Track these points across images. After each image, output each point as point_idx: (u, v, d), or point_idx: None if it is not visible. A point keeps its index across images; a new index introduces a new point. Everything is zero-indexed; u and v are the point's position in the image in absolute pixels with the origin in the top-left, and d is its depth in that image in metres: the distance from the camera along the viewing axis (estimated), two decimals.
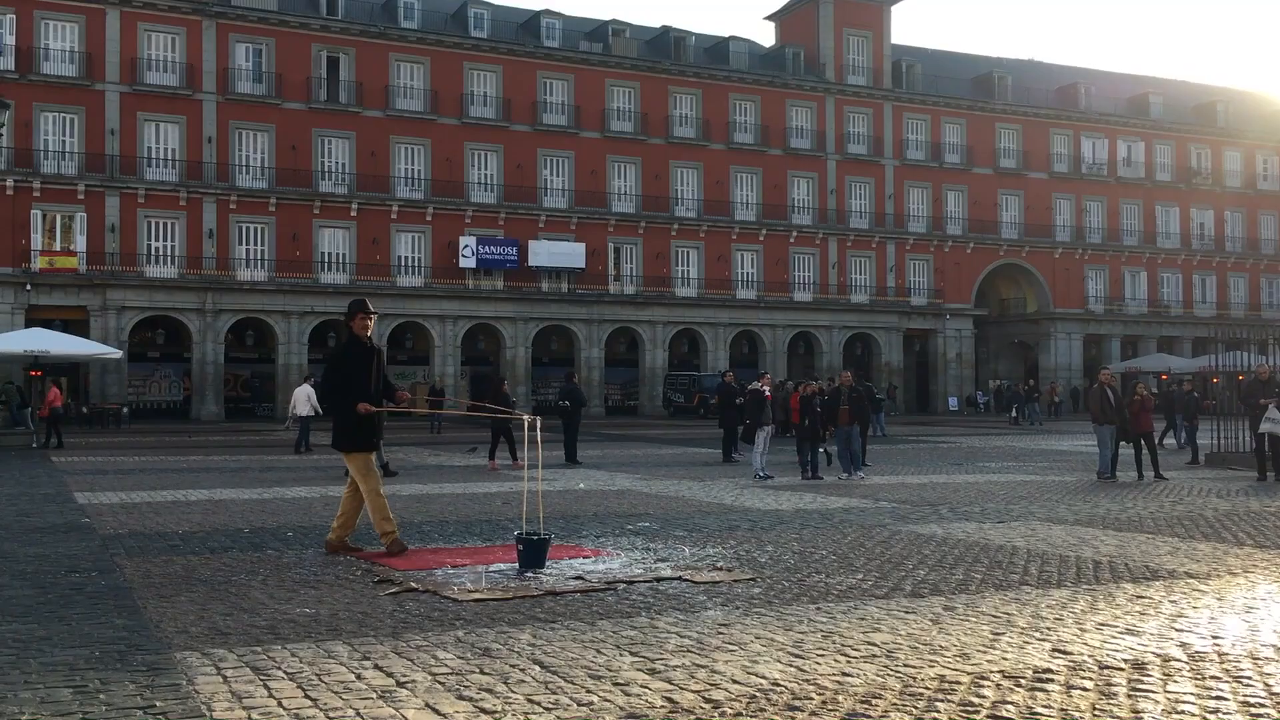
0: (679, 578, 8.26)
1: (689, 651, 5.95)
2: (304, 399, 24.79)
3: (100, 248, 44.85)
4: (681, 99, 55.89)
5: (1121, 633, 6.50)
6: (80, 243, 44.72)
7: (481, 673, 5.48)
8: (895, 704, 4.99)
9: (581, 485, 16.60)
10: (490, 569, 8.65)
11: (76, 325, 42.67)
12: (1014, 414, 46.26)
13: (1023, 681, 5.40)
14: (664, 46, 57.24)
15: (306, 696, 5.06)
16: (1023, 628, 6.61)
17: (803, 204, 58.25)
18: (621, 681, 5.34)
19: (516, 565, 8.65)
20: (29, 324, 40.57)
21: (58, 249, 44.42)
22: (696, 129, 55.84)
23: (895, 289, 60.08)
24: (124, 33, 45.80)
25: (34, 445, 27.21)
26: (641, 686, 5.25)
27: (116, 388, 44.37)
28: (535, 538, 8.74)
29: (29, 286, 43.37)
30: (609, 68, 54.45)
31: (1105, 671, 5.60)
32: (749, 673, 5.52)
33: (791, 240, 57.71)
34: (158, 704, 4.90)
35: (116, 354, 40.27)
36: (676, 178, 55.48)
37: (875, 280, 59.74)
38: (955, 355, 61.48)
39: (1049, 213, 64.11)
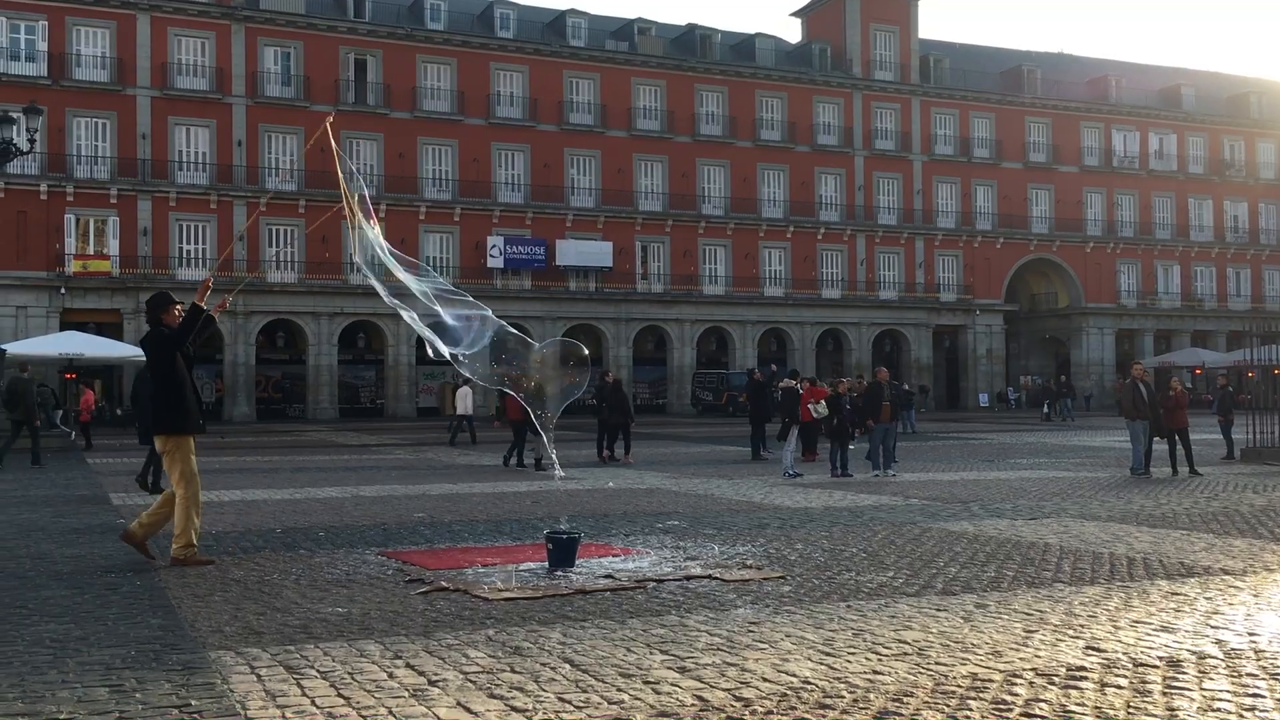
0: (709, 576, 8.25)
1: (719, 650, 5.94)
2: (465, 398, 27.86)
3: (133, 251, 45.30)
4: (708, 96, 55.82)
5: (1156, 630, 6.44)
6: (113, 246, 45.19)
7: (512, 671, 5.50)
8: (927, 702, 4.97)
9: (610, 484, 16.61)
10: (520, 568, 8.68)
11: (110, 328, 43.13)
12: (1046, 410, 45.92)
13: (1056, 679, 5.36)
14: (690, 44, 57.17)
15: (339, 695, 5.09)
16: (1056, 625, 6.56)
17: (830, 201, 58.04)
18: (652, 680, 5.34)
19: (546, 564, 8.67)
20: (63, 327, 41.05)
21: (91, 253, 44.91)
22: (723, 127, 55.75)
23: (924, 285, 59.76)
24: (154, 37, 46.23)
25: (79, 446, 27.41)
26: (672, 685, 5.26)
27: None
28: (565, 536, 8.76)
29: (63, 290, 43.87)
30: (635, 66, 54.45)
31: (1140, 669, 5.55)
32: (779, 671, 5.51)
33: (819, 237, 57.52)
34: (193, 703, 4.95)
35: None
36: (703, 176, 55.42)
37: (904, 276, 59.44)
38: (985, 351, 61.09)
39: (1080, 207, 63.59)
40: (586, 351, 9.59)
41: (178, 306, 9.33)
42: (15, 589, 7.85)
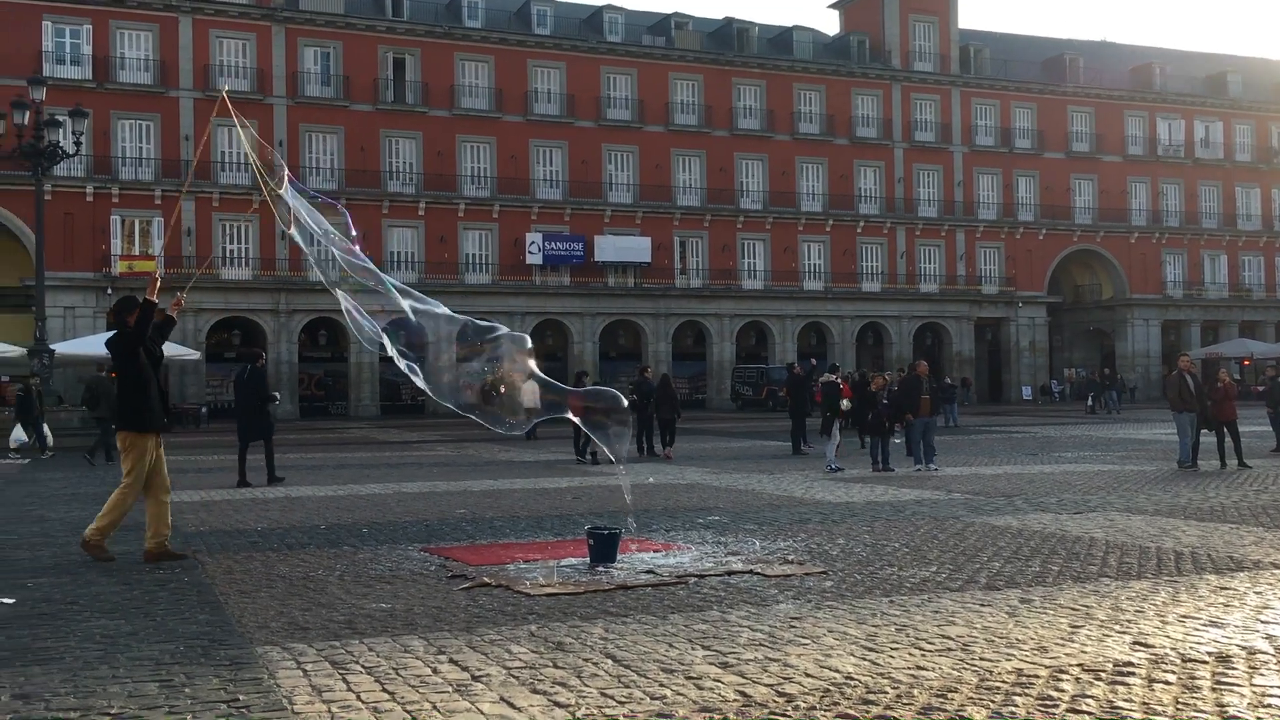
0: (750, 571, 8.24)
1: (761, 645, 5.93)
2: (531, 394, 26.61)
3: (177, 251, 45.86)
4: (745, 90, 55.64)
5: (1205, 625, 6.36)
6: (158, 246, 45.76)
7: (555, 666, 5.52)
8: (971, 698, 4.93)
9: (651, 479, 16.62)
10: (561, 563, 8.70)
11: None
12: (1090, 402, 45.41)
13: (1103, 675, 5.31)
14: (727, 38, 57.01)
15: (384, 690, 5.14)
16: (1102, 620, 6.49)
17: (869, 193, 57.69)
18: (694, 675, 5.34)
19: (587, 560, 8.70)
20: (110, 327, 41.62)
21: (136, 253, 45.53)
22: (761, 120, 55.57)
23: (965, 277, 59.26)
24: (196, 40, 46.77)
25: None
26: (714, 680, 5.26)
27: (195, 388, 45.40)
28: (606, 532, 8.78)
29: (109, 290, 44.49)
30: (672, 61, 54.39)
31: (1188, 665, 5.48)
32: (822, 666, 5.49)
33: (859, 230, 57.19)
34: (240, 697, 5.01)
35: (195, 355, 41.27)
36: (741, 170, 55.27)
37: (945, 269, 58.98)
38: (1028, 344, 60.50)
39: (1124, 196, 62.77)
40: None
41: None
42: (66, 585, 7.98)
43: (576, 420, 9.52)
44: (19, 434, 23.76)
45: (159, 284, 9.54)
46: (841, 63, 57.84)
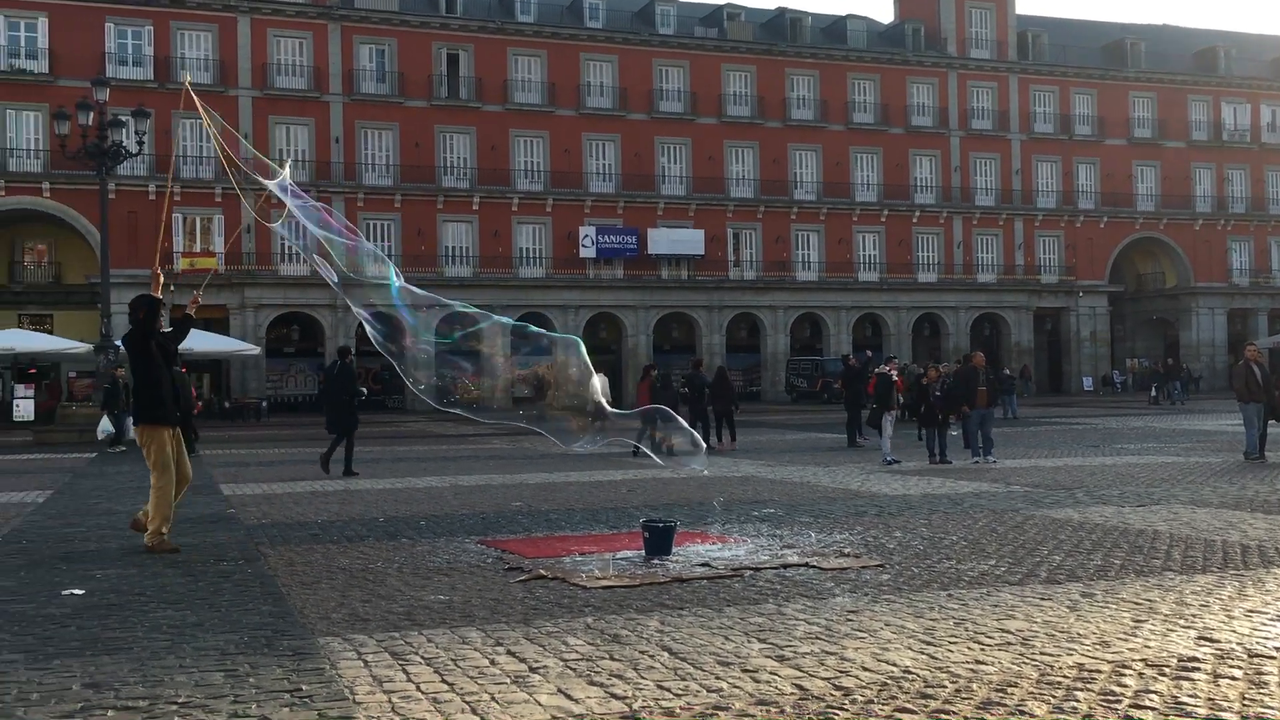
0: (806, 564, 8.21)
1: (818, 638, 5.91)
2: (600, 387, 27.45)
3: (237, 248, 46.58)
4: (799, 81, 55.29)
5: (1272, 619, 6.24)
6: (218, 244, 46.52)
7: (611, 659, 5.54)
8: (1032, 692, 4.88)
9: (705, 472, 16.61)
10: (617, 556, 8.74)
11: (217, 323, 44.47)
12: (1153, 393, 44.63)
13: (1167, 670, 5.23)
14: (780, 28, 56.67)
15: (443, 681, 5.20)
16: (1166, 615, 6.39)
17: (925, 183, 57.10)
18: (750, 668, 5.34)
19: (643, 552, 8.72)
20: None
21: (198, 250, 46.29)
22: (814, 110, 55.19)
23: (1024, 267, 58.47)
24: (254, 39, 47.41)
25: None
26: (770, 673, 5.25)
27: (256, 383, 46.11)
28: (661, 525, 8.80)
29: (172, 287, 44.88)
30: (724, 52, 54.19)
31: (1255, 660, 5.38)
32: (879, 660, 5.46)
33: (914, 220, 56.64)
34: (304, 687, 5.09)
35: (255, 350, 41.92)
36: (795, 160, 54.95)
37: (1003, 258, 58.23)
38: (1089, 334, 59.56)
39: (1188, 183, 61.52)
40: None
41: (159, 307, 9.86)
42: (133, 576, 8.16)
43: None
44: (106, 424, 24.20)
45: (161, 281, 9.90)
46: (896, 51, 57.27)
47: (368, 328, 9.54)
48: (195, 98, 9.82)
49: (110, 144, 28.21)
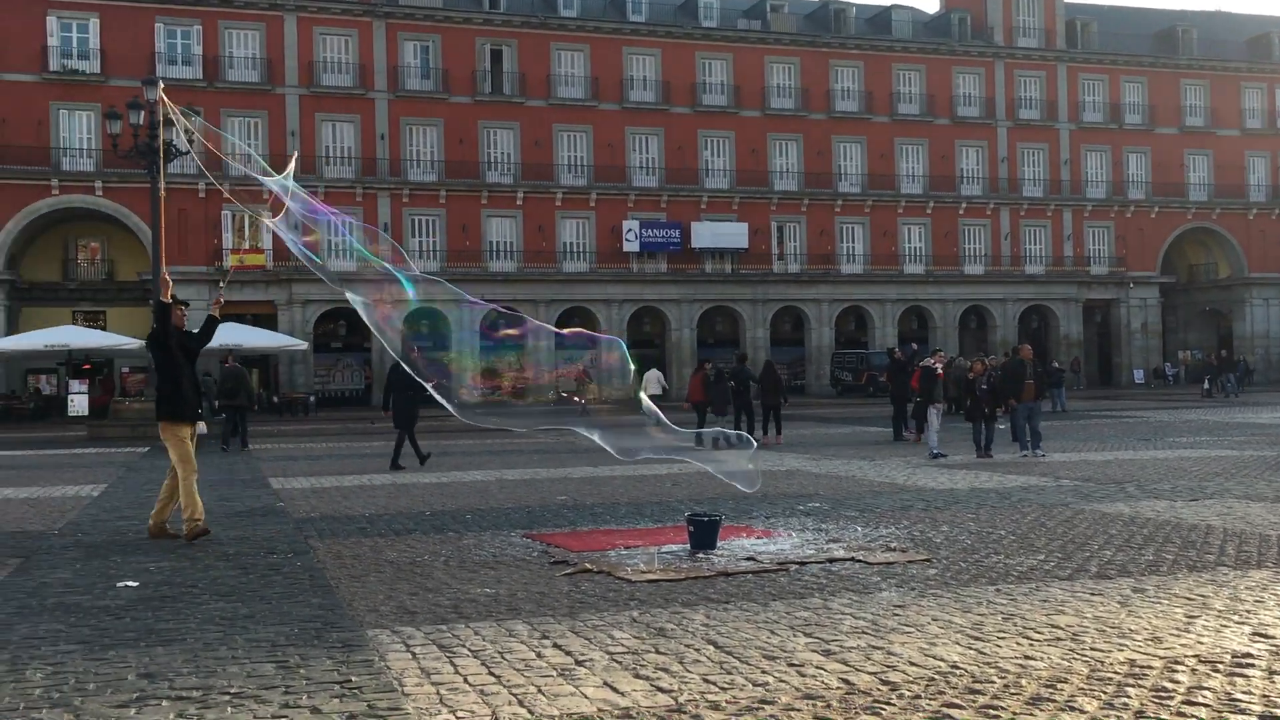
0: (852, 558, 8.18)
1: (864, 633, 5.89)
2: (654, 380, 29.61)
3: (285, 244, 47.05)
4: (843, 72, 54.93)
5: None
6: (267, 240, 47.05)
7: (657, 652, 5.55)
8: (1082, 688, 4.83)
9: (750, 465, 16.57)
10: (662, 550, 8.75)
11: (266, 319, 45.01)
12: (1206, 385, 43.92)
13: (1220, 666, 5.15)
14: (824, 19, 56.33)
15: (490, 673, 5.23)
16: (1219, 610, 6.30)
17: (972, 174, 56.53)
18: (797, 662, 5.33)
19: (688, 546, 8.72)
20: (222, 320, 42.88)
21: (247, 247, 46.85)
22: (859, 102, 54.80)
23: (1073, 258, 57.73)
24: (301, 37, 47.87)
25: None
26: (817, 668, 5.24)
27: (303, 378, 46.62)
28: (706, 519, 8.79)
29: (222, 284, 45.85)
30: (768, 45, 53.94)
31: None
32: (927, 655, 5.43)
33: (961, 212, 56.11)
34: (353, 679, 5.15)
35: (303, 346, 42.36)
36: (839, 153, 54.61)
37: (1051, 250, 57.53)
38: (1140, 325, 58.71)
39: (1241, 172, 60.41)
40: None
41: (180, 309, 10.25)
42: (186, 569, 8.29)
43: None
44: None
45: (170, 286, 10.25)
46: (942, 41, 56.72)
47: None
48: (168, 103, 10.13)
49: (161, 143, 28.59)
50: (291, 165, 10.77)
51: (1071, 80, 58.31)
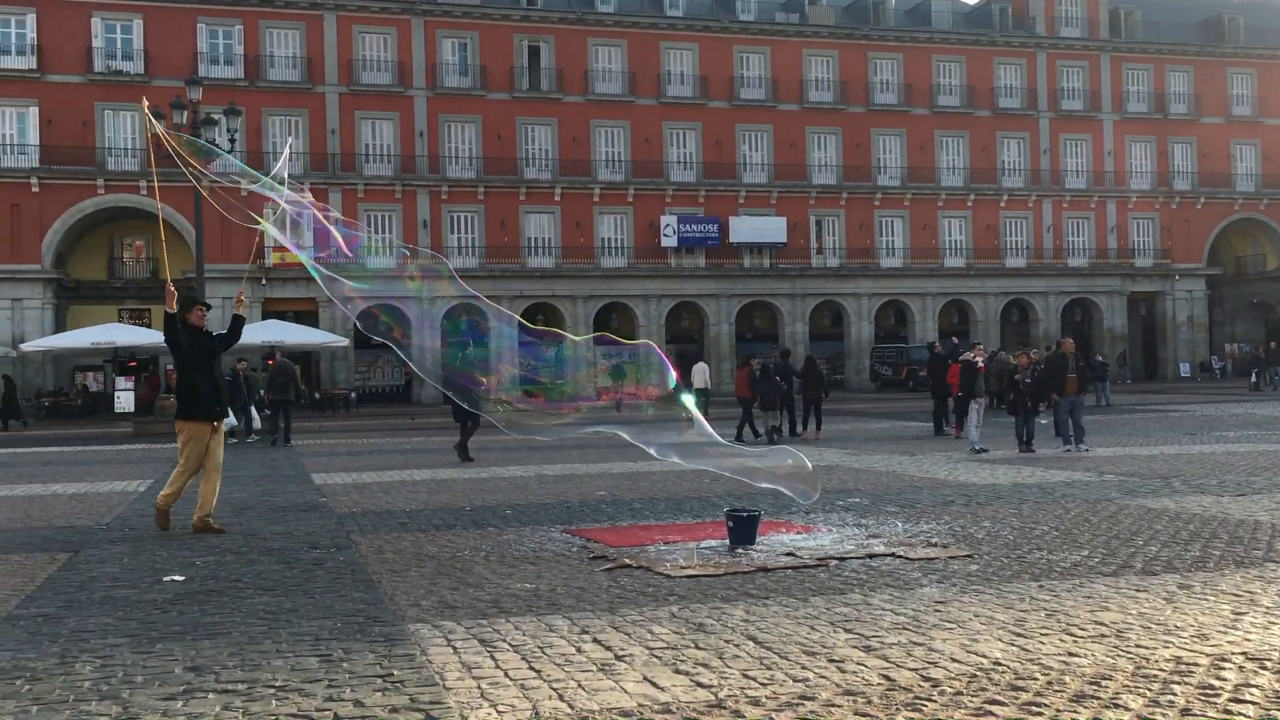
0: (892, 554, 8.13)
1: (905, 629, 5.86)
2: (700, 373, 29.59)
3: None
4: (882, 65, 54.56)
5: None
6: (308, 238, 47.46)
7: (697, 648, 5.56)
8: (1127, 685, 4.78)
9: (789, 461, 16.51)
10: (701, 545, 8.75)
11: (307, 316, 45.43)
12: (1254, 379, 43.26)
13: (1268, 664, 5.08)
14: (862, 11, 55.97)
15: (530, 668, 5.26)
16: (1268, 607, 6.21)
17: (1013, 166, 55.98)
18: (837, 658, 5.31)
19: (727, 541, 8.71)
20: (265, 317, 43.43)
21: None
22: (898, 94, 54.42)
23: (1117, 250, 57.03)
24: (340, 36, 48.24)
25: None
26: (857, 664, 5.22)
27: (344, 374, 47.03)
28: (746, 514, 8.78)
29: (264, 281, 46.38)
30: (806, 38, 53.69)
31: None
32: (968, 651, 5.39)
33: (1002, 204, 55.58)
34: (395, 673, 5.20)
35: (344, 342, 42.68)
36: (878, 146, 54.26)
37: (1094, 242, 56.87)
38: (1186, 318, 57.91)
39: None
40: None
41: (199, 308, 10.60)
42: (231, 563, 8.39)
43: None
44: (229, 418, 24.62)
45: (175, 295, 10.39)
46: (983, 32, 56.19)
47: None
48: (149, 116, 10.37)
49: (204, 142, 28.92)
50: (284, 159, 10.98)
51: (1115, 70, 57.57)
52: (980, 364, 19.56)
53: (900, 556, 8.03)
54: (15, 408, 35.09)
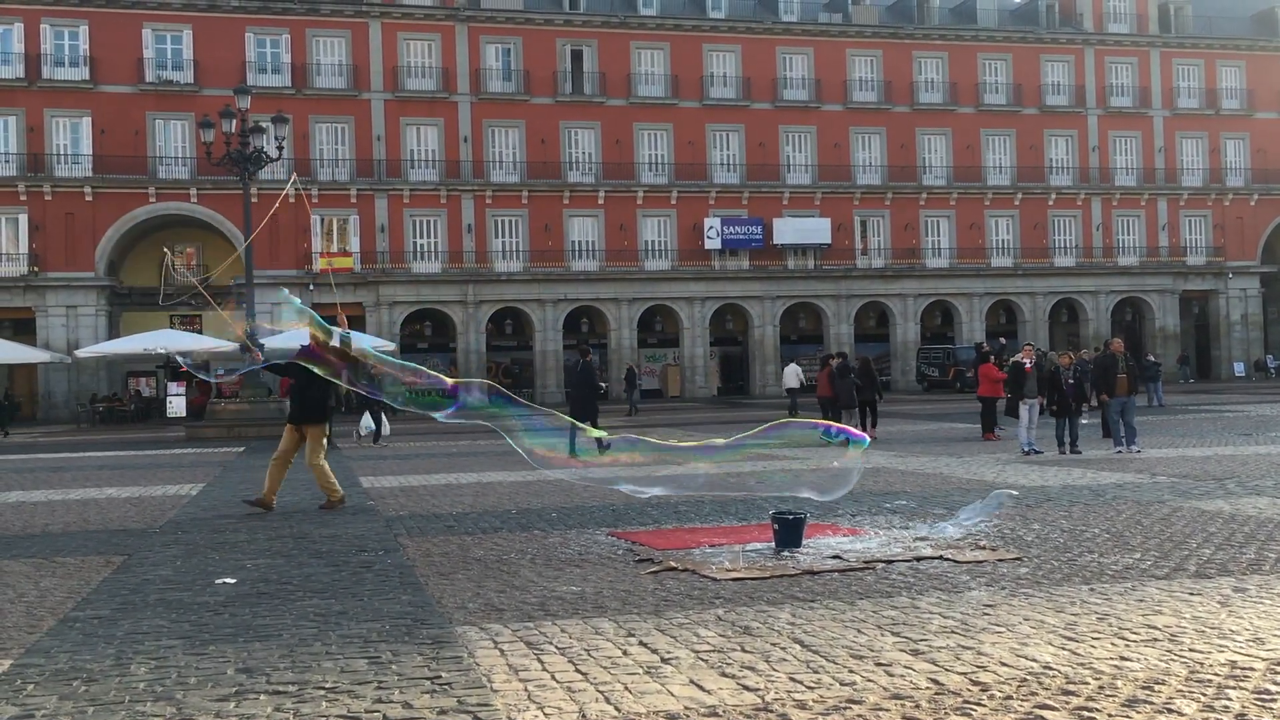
0: (940, 557, 8.07)
1: (953, 632, 5.81)
2: (793, 375, 30.54)
3: (372, 247, 47.95)
4: (926, 63, 54.15)
5: None
6: (354, 243, 47.96)
7: (743, 651, 5.55)
8: (1180, 690, 4.71)
9: (835, 463, 16.43)
10: (747, 548, 8.73)
11: (354, 321, 45.82)
12: None
13: None
14: (906, 10, 55.60)
15: (577, 670, 5.27)
16: None
17: (1061, 164, 55.32)
18: (884, 662, 5.28)
19: (773, 544, 8.69)
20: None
21: (335, 250, 47.81)
22: (943, 93, 53.98)
23: (1168, 248, 56.15)
24: (385, 43, 48.67)
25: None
26: (905, 667, 5.18)
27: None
28: (791, 517, 8.75)
29: (311, 286, 46.87)
30: (849, 38, 53.40)
31: None
32: (1018, 655, 5.34)
33: (1050, 203, 54.95)
34: (443, 675, 5.23)
35: (391, 346, 43.00)
36: (923, 145, 53.85)
37: (1145, 240, 56.05)
38: (1240, 317, 56.90)
39: None
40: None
41: (340, 311, 11.92)
42: (282, 567, 8.49)
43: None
44: (367, 421, 24.72)
45: (241, 325, 11.87)
46: (1029, 29, 55.60)
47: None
48: (171, 256, 11.08)
49: (252, 150, 29.31)
50: (290, 185, 11.89)
51: (1165, 66, 56.73)
52: (1028, 365, 19.34)
53: (948, 560, 7.96)
54: (7, 417, 35.24)
